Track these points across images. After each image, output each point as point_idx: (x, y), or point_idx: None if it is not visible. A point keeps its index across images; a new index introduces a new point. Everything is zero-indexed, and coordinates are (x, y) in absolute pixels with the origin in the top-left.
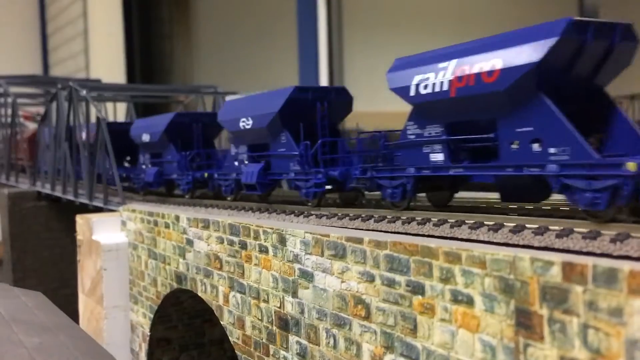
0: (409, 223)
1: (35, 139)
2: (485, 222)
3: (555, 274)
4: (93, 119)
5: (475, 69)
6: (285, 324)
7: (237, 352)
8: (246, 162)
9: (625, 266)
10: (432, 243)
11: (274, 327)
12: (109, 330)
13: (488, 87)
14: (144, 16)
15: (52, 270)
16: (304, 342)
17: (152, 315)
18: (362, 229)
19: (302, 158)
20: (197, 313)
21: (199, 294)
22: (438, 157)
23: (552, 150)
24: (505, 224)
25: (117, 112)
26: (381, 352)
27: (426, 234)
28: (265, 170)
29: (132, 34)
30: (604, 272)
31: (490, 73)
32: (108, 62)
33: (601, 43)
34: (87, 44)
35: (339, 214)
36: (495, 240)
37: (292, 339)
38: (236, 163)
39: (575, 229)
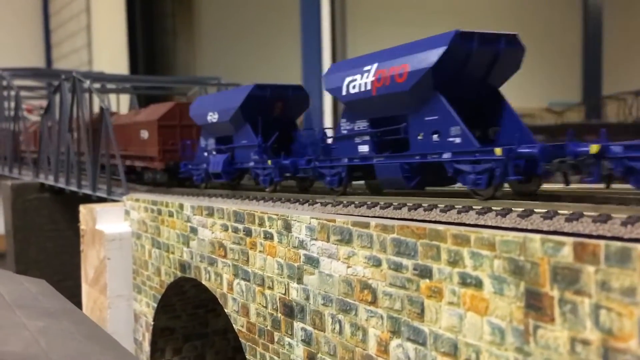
0: (416, 209)
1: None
2: (493, 208)
3: (566, 255)
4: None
5: (390, 72)
6: (290, 310)
7: (242, 340)
8: (214, 152)
9: (639, 246)
10: (440, 226)
11: (279, 314)
12: (112, 320)
13: (398, 86)
14: (147, 11)
15: (55, 262)
16: (309, 328)
17: (155, 305)
18: (367, 216)
19: (259, 148)
20: (200, 302)
21: (203, 282)
22: (364, 148)
23: (449, 139)
24: (513, 208)
25: (120, 104)
26: (387, 337)
27: (433, 219)
28: (230, 160)
29: (135, 29)
30: (616, 252)
31: (400, 75)
32: (111, 57)
33: (487, 50)
34: (90, 39)
35: (344, 202)
36: (503, 225)
37: (297, 325)
38: (205, 154)
39: (585, 213)
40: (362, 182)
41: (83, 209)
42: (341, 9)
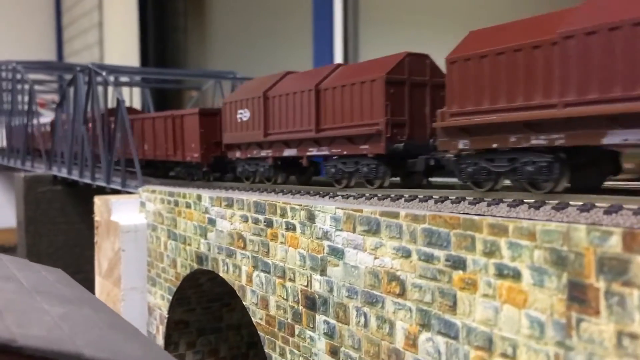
0: (442, 202)
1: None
2: (525, 200)
3: (614, 244)
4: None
5: None
6: (312, 303)
7: (260, 333)
8: None
9: None
10: (475, 216)
11: (300, 307)
12: (126, 313)
13: None
14: (159, 9)
15: (67, 255)
16: (332, 321)
17: (170, 297)
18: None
19: None
20: (215, 296)
21: (221, 274)
22: None
23: None
24: (547, 201)
25: (133, 99)
26: (416, 330)
27: (462, 212)
28: None
29: (146, 27)
30: None
31: None
32: (122, 54)
33: None
34: (102, 36)
35: (367, 194)
36: (537, 219)
37: (320, 318)
38: None
39: (625, 206)
40: None
41: (98, 200)
42: (354, 8)
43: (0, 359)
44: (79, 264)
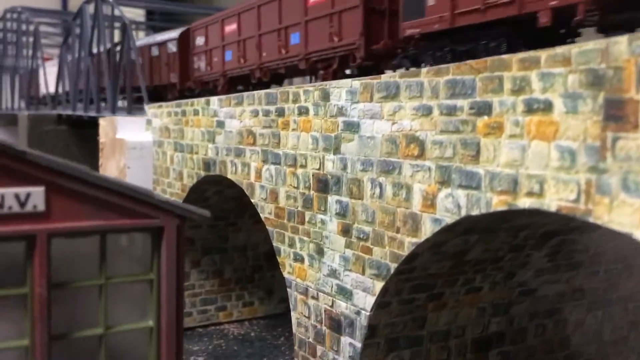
0: None
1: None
2: None
3: None
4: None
5: None
6: (324, 185)
7: (269, 228)
8: None
9: None
10: (504, 56)
11: (312, 192)
12: None
13: None
14: None
15: None
16: (345, 199)
17: None
18: None
19: None
20: (222, 213)
21: (229, 175)
22: None
23: None
24: None
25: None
26: (435, 189)
27: None
28: None
29: None
30: None
31: None
32: None
33: None
34: None
35: None
36: None
37: (332, 199)
38: None
39: None
40: None
41: (103, 121)
42: None
43: (5, 162)
44: None
